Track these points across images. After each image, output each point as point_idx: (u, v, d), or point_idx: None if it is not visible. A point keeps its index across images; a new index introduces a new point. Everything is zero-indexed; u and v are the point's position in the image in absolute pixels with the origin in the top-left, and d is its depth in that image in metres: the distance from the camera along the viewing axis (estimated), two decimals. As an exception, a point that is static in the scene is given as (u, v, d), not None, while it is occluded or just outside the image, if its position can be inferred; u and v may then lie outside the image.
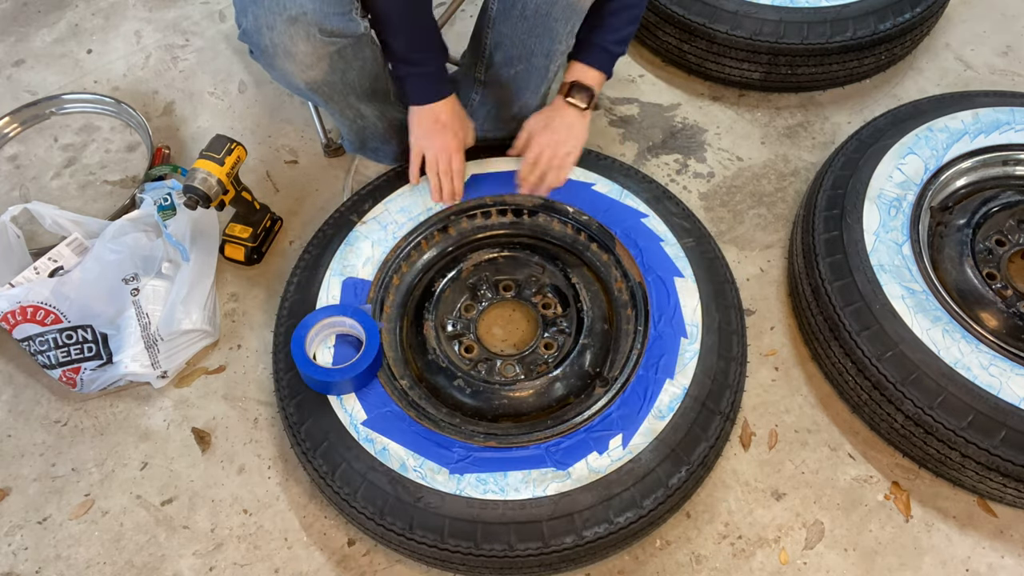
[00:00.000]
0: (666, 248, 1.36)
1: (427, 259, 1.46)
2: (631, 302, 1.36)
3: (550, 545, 1.10)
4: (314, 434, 1.21)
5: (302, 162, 1.75)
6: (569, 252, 1.46)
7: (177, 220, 1.43)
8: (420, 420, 1.22)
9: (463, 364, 1.36)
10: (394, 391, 1.25)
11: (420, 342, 1.36)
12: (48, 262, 1.37)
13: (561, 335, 1.39)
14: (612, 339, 1.35)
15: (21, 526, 1.31)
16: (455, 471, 1.15)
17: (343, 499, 1.16)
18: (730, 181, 1.68)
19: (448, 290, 1.43)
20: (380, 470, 1.16)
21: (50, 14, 2.10)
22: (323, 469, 1.18)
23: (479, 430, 1.24)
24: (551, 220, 1.47)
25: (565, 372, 1.31)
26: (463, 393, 1.30)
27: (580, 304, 1.39)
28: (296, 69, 1.21)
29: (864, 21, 1.65)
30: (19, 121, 1.85)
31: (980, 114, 1.48)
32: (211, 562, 1.26)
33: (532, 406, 1.30)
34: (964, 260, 1.35)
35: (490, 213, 1.48)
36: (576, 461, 1.16)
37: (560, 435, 1.19)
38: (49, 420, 1.42)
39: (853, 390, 1.31)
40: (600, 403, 1.23)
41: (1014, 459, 1.14)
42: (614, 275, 1.40)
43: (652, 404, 1.20)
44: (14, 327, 1.33)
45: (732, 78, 1.78)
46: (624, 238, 1.39)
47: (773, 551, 1.24)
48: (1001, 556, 1.23)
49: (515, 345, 1.45)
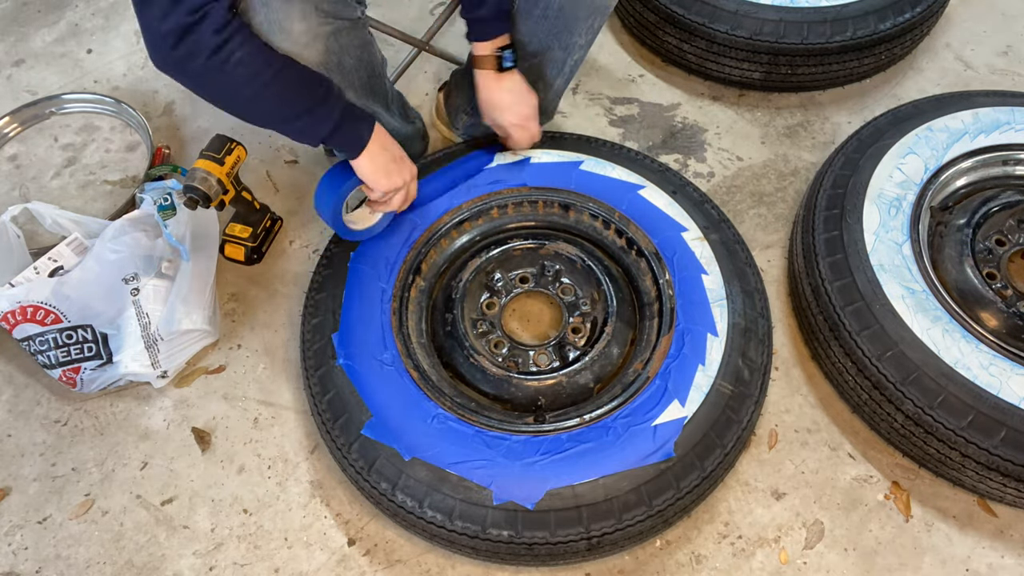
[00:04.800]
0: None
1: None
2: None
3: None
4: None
5: (302, 162, 1.75)
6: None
7: (177, 220, 1.43)
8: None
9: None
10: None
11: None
12: (48, 262, 1.37)
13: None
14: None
15: (21, 526, 1.31)
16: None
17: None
18: (730, 181, 1.68)
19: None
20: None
21: (50, 14, 2.10)
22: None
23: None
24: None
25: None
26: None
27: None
28: (292, 49, 1.17)
29: (864, 21, 1.65)
30: (19, 121, 1.85)
31: (980, 114, 1.48)
32: (211, 562, 1.26)
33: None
34: (964, 260, 1.35)
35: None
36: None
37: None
38: (49, 420, 1.42)
39: (853, 390, 1.31)
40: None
41: (1014, 459, 1.14)
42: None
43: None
44: (14, 327, 1.33)
45: (732, 78, 1.78)
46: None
47: (773, 551, 1.24)
48: (1001, 556, 1.23)
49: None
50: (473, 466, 1.15)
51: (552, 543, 1.13)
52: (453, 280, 1.44)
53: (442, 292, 1.44)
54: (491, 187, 1.47)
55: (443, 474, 1.15)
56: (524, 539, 1.12)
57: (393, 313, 1.33)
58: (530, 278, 1.45)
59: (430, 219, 1.44)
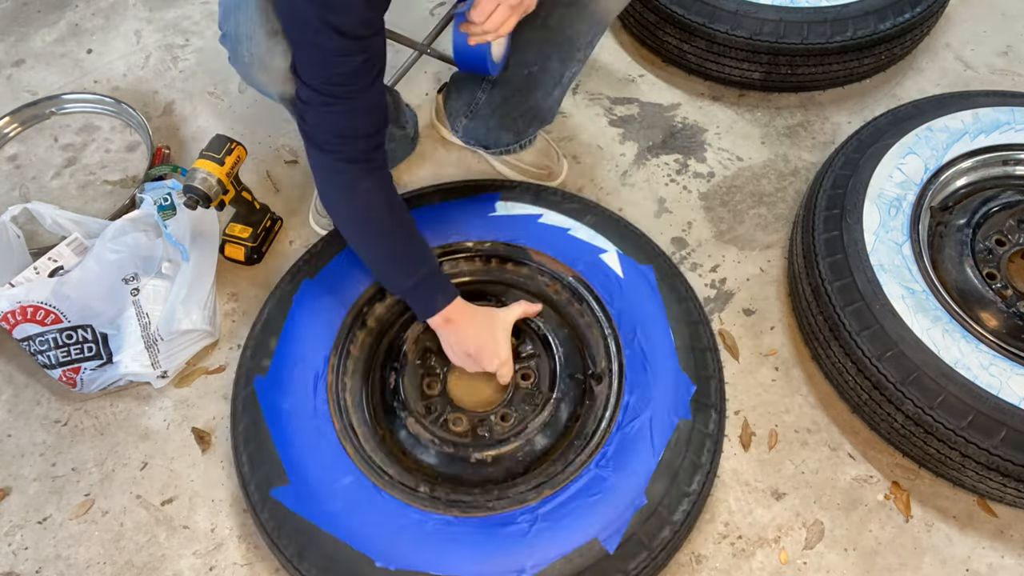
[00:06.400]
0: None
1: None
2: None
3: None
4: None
5: (302, 162, 1.75)
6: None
7: (177, 220, 1.43)
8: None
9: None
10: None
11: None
12: (48, 262, 1.37)
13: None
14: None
15: (21, 526, 1.31)
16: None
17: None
18: (730, 181, 1.68)
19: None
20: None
21: (50, 14, 2.10)
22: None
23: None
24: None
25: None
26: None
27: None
28: (270, 82, 1.20)
29: (864, 21, 1.65)
30: (19, 121, 1.85)
31: (980, 114, 1.48)
32: (211, 562, 1.26)
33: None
34: (964, 260, 1.35)
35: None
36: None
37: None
38: (49, 420, 1.42)
39: (853, 390, 1.31)
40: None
41: (1014, 459, 1.14)
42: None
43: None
44: (14, 327, 1.33)
45: (732, 78, 1.78)
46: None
47: (773, 551, 1.24)
48: (1001, 556, 1.23)
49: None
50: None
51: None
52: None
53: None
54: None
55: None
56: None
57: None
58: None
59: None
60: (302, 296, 1.37)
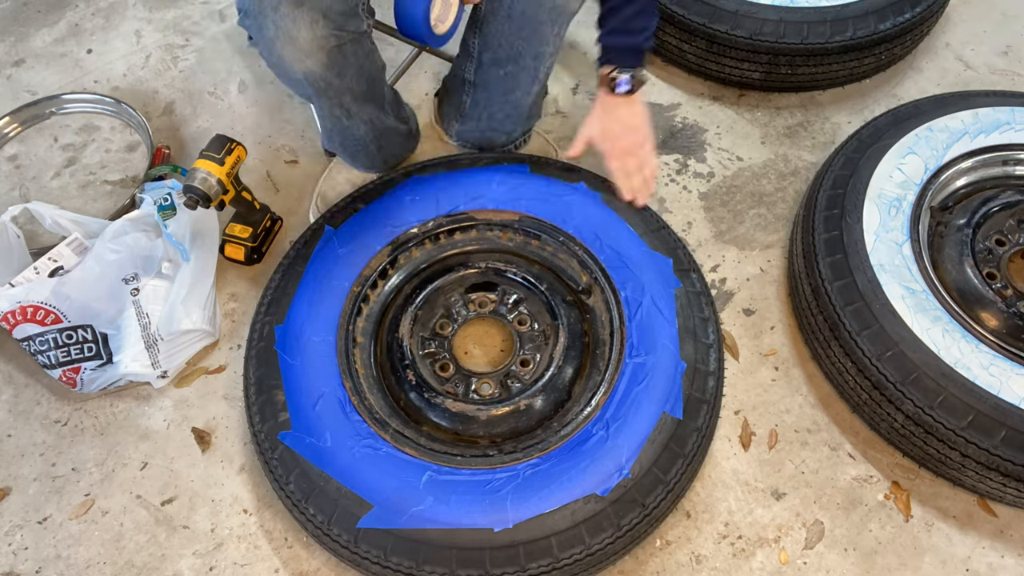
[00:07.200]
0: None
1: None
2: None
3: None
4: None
5: (302, 162, 1.75)
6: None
7: (177, 220, 1.43)
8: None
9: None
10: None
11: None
12: (48, 262, 1.37)
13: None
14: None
15: (21, 526, 1.31)
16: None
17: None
18: (730, 181, 1.68)
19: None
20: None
21: (50, 14, 2.10)
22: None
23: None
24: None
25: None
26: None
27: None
28: (296, 56, 1.19)
29: (864, 21, 1.65)
30: (19, 121, 1.85)
31: (980, 114, 1.48)
32: (211, 562, 1.26)
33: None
34: (964, 260, 1.35)
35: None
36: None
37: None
38: (49, 420, 1.42)
39: (853, 390, 1.31)
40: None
41: (1014, 459, 1.14)
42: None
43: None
44: (14, 327, 1.33)
45: (732, 78, 1.78)
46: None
47: (773, 551, 1.24)
48: (1001, 556, 1.23)
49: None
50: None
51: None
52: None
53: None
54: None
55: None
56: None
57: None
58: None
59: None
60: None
